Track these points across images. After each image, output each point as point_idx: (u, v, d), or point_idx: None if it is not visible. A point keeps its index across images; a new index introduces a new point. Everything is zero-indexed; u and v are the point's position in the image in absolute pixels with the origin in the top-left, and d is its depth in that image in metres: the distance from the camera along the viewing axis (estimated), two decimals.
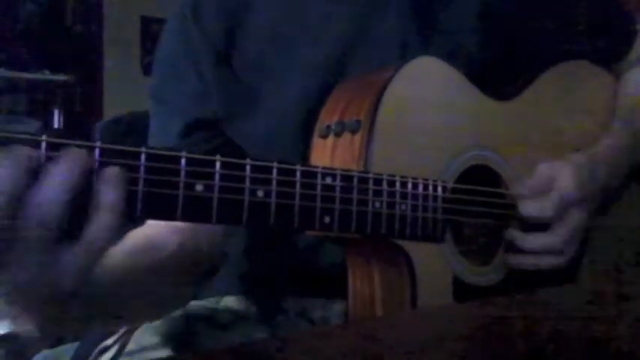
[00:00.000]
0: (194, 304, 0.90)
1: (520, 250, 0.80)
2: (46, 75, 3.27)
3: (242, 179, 0.55)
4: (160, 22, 3.41)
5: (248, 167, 0.55)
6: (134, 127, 1.13)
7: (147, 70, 3.55)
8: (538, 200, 0.79)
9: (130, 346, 0.83)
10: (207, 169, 0.53)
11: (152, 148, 0.50)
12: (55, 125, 3.29)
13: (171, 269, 0.75)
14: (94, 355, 0.86)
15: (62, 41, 3.46)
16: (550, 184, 0.80)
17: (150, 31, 3.65)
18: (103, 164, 0.48)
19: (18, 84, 3.25)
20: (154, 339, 0.83)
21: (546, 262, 0.80)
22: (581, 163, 0.82)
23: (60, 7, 3.48)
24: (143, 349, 0.82)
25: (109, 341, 0.86)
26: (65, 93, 3.35)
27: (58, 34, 3.45)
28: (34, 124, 3.16)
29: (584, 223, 0.81)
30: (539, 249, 0.79)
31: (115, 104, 3.27)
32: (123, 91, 3.25)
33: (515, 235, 0.80)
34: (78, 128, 3.31)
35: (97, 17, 3.58)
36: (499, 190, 0.81)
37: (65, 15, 3.49)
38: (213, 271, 0.90)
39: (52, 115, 3.30)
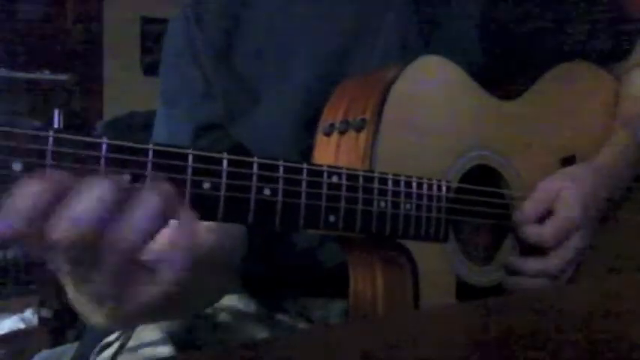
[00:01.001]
0: None
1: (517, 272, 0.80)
2: (46, 75, 3.27)
3: (249, 177, 0.55)
4: (160, 22, 3.41)
5: (255, 165, 0.55)
6: (134, 127, 1.13)
7: (147, 70, 3.55)
8: (538, 225, 0.78)
9: (132, 342, 0.83)
10: (215, 167, 0.53)
11: (159, 144, 0.50)
12: (55, 125, 3.28)
13: (207, 267, 0.75)
14: (95, 352, 0.86)
15: (62, 41, 3.45)
16: (551, 205, 0.79)
17: (150, 31, 3.64)
18: (110, 160, 0.48)
19: (18, 84, 3.25)
20: (156, 335, 0.83)
21: (542, 284, 0.79)
22: (584, 182, 0.81)
23: (60, 7, 3.47)
24: (145, 345, 0.82)
25: (111, 338, 0.86)
26: (65, 93, 3.34)
27: (58, 34, 3.45)
28: (34, 125, 3.14)
29: (584, 247, 0.80)
30: (536, 274, 0.79)
31: (115, 104, 3.27)
32: (123, 91, 3.25)
33: (512, 259, 0.80)
34: (78, 128, 3.30)
35: (97, 17, 3.57)
36: (502, 191, 0.81)
37: (65, 15, 3.49)
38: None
39: (52, 115, 3.29)
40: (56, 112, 3.30)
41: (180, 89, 0.90)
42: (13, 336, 2.48)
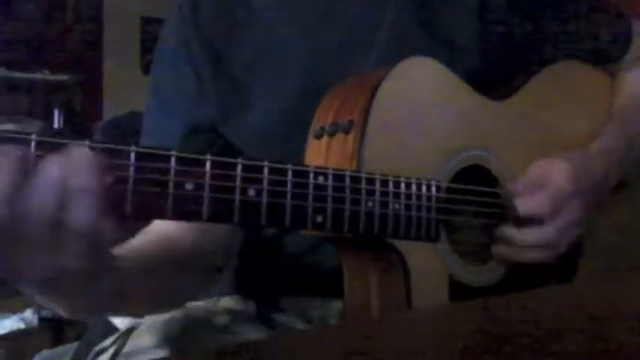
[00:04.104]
0: (192, 305, 0.90)
1: (513, 244, 0.79)
2: (46, 75, 3.27)
3: (233, 178, 0.55)
4: (160, 22, 3.40)
5: (239, 166, 0.56)
6: (134, 127, 1.13)
7: (147, 70, 3.54)
8: (533, 196, 0.78)
9: (127, 347, 0.83)
10: (198, 169, 0.53)
11: (142, 146, 0.51)
12: (55, 125, 3.29)
13: (185, 265, 0.75)
14: (90, 356, 0.86)
15: (62, 41, 3.46)
16: (543, 181, 0.79)
17: (150, 31, 3.65)
18: None
19: (18, 84, 3.25)
20: (152, 340, 0.83)
21: (539, 256, 0.79)
22: (575, 158, 0.82)
23: (60, 7, 3.48)
24: (140, 350, 0.82)
25: (107, 343, 0.86)
26: (65, 93, 3.35)
27: (58, 34, 3.46)
28: (35, 124, 3.16)
29: (580, 217, 0.80)
30: (533, 243, 0.78)
31: (115, 104, 3.27)
32: (123, 91, 3.25)
33: (508, 230, 0.79)
34: (78, 128, 3.32)
35: (97, 17, 3.58)
36: (494, 190, 0.81)
37: (65, 15, 3.50)
38: (220, 269, 0.90)
39: (52, 115, 3.30)
40: (56, 112, 3.30)
41: (173, 90, 0.89)
42: (13, 336, 2.48)
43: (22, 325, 2.57)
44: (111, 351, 0.84)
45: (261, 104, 0.86)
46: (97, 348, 0.86)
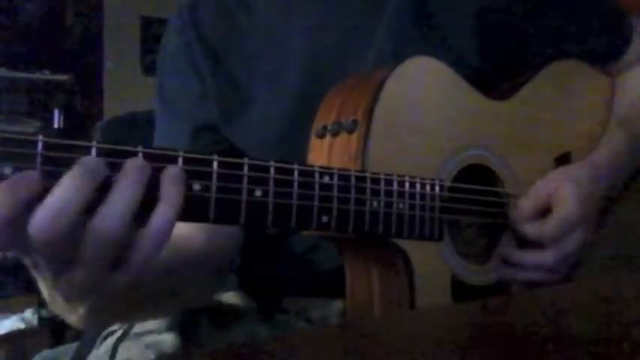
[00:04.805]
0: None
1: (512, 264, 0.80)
2: (46, 75, 3.27)
3: (239, 179, 0.55)
4: (160, 22, 3.42)
5: (246, 167, 0.55)
6: (134, 127, 1.14)
7: (147, 70, 3.55)
8: (537, 222, 0.79)
9: (136, 328, 0.84)
10: (205, 169, 0.53)
11: (148, 147, 0.50)
12: (55, 125, 3.29)
13: (196, 265, 0.75)
14: (100, 339, 0.87)
15: (62, 41, 3.46)
16: (549, 203, 0.79)
17: (150, 31, 3.65)
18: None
19: (18, 84, 3.25)
20: (160, 323, 0.83)
21: (539, 278, 0.80)
22: (581, 180, 0.82)
23: (60, 7, 3.48)
24: (149, 331, 0.83)
25: (115, 326, 0.87)
26: (65, 93, 3.35)
27: (58, 34, 3.46)
28: (33, 125, 3.16)
29: (580, 247, 0.81)
30: (534, 266, 0.80)
31: (115, 104, 3.27)
32: (123, 91, 3.26)
33: (510, 251, 0.80)
34: (78, 128, 3.32)
35: (97, 17, 3.58)
36: (496, 189, 0.81)
37: (65, 15, 3.50)
38: (229, 268, 0.91)
39: (52, 115, 3.30)
40: (56, 112, 3.30)
41: (177, 91, 0.90)
42: (13, 336, 2.48)
43: (22, 325, 2.57)
44: (119, 332, 0.84)
45: (262, 105, 0.87)
46: (106, 331, 0.87)
